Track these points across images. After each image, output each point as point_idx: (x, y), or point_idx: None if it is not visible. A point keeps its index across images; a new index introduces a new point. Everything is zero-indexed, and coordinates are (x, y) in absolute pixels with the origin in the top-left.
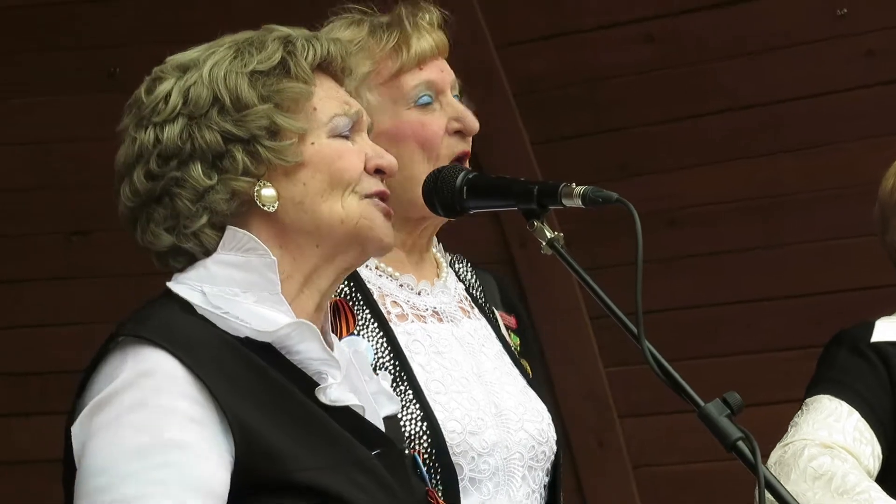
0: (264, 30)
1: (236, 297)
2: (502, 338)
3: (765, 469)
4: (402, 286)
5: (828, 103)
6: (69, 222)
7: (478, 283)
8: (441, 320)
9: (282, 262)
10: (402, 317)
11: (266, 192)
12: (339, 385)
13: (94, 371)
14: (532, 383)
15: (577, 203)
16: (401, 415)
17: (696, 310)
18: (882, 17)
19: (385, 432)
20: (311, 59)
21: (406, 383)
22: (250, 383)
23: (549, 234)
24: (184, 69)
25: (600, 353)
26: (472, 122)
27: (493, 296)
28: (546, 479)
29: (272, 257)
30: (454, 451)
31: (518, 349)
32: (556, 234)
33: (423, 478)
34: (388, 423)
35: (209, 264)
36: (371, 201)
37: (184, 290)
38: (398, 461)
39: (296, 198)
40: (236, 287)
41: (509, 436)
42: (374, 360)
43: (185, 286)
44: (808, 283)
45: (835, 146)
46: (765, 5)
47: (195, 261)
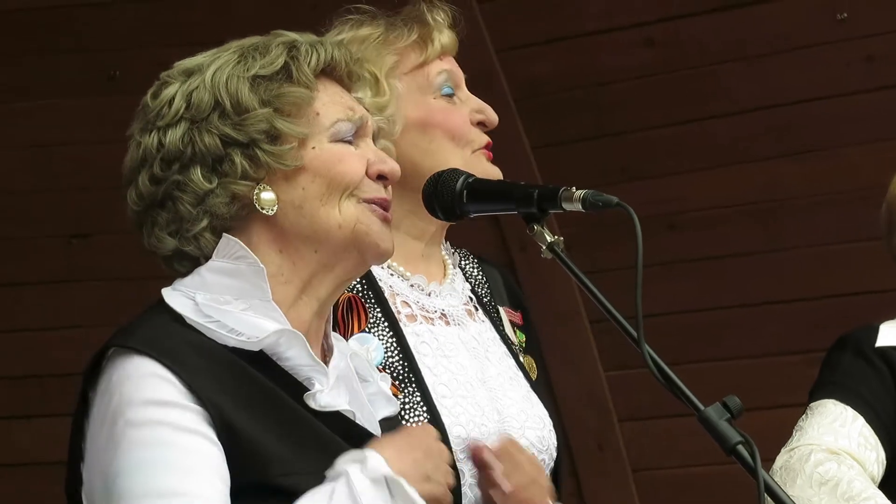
0: (272, 35)
1: (228, 304)
2: (506, 338)
3: (764, 473)
4: (412, 286)
5: (829, 107)
6: (69, 225)
7: (484, 278)
8: (448, 323)
9: (281, 266)
10: (412, 317)
11: (265, 196)
12: (329, 390)
13: (91, 384)
14: (536, 383)
15: (578, 207)
16: (407, 417)
17: (697, 314)
18: (882, 21)
19: (378, 435)
20: (314, 64)
21: (414, 385)
22: (238, 389)
23: (549, 238)
24: (189, 74)
25: (600, 356)
26: (493, 115)
27: (500, 291)
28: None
29: (261, 265)
30: (458, 456)
31: (523, 346)
32: (557, 237)
33: None
34: (387, 424)
35: (203, 271)
36: (368, 206)
37: (176, 300)
38: None
39: (295, 202)
40: (228, 294)
41: None
42: (384, 360)
43: (180, 294)
44: (810, 287)
45: (836, 150)
46: (765, 9)
47: (198, 265)
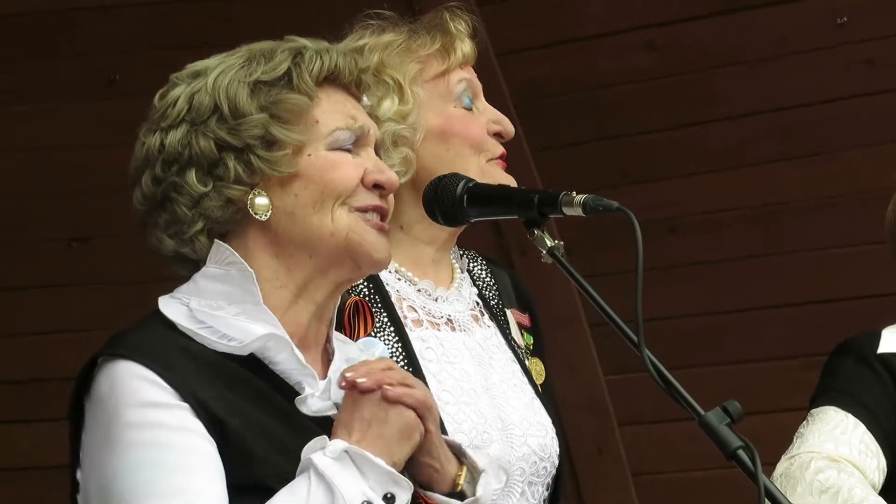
0: (283, 40)
1: (220, 309)
2: (512, 343)
3: (765, 478)
4: (420, 291)
5: (829, 111)
6: (69, 229)
7: (493, 281)
8: (454, 329)
9: (276, 271)
10: (418, 322)
11: (259, 201)
12: (320, 394)
13: (85, 393)
14: (544, 387)
15: (578, 212)
16: None
17: (697, 318)
18: (882, 25)
19: None
20: (317, 72)
21: None
22: (227, 391)
23: (549, 243)
24: (196, 76)
25: (600, 360)
26: (510, 126)
27: (508, 294)
28: (546, 494)
29: (250, 270)
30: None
31: (531, 348)
32: (557, 242)
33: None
34: None
35: (198, 277)
36: (361, 215)
37: (171, 307)
38: None
39: (287, 208)
40: (221, 300)
41: (512, 451)
42: None
43: (176, 301)
44: (810, 291)
45: (836, 154)
46: (765, 13)
47: (198, 269)
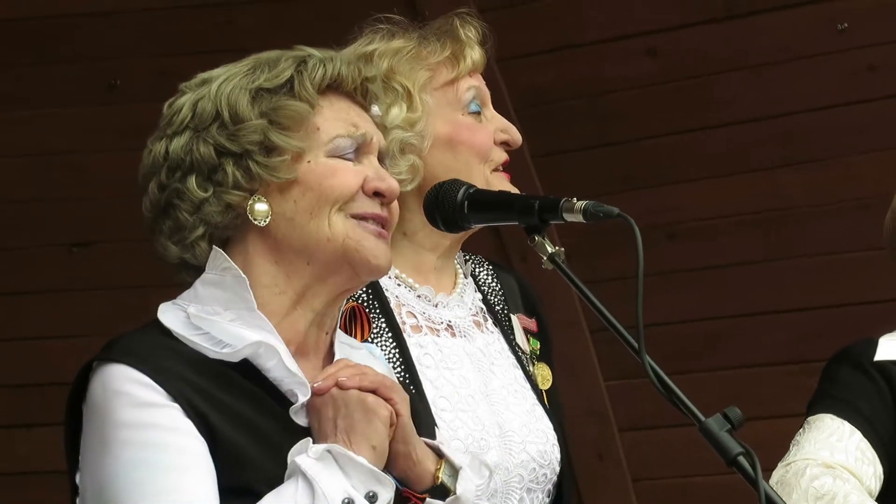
0: (291, 49)
1: (217, 315)
2: (516, 349)
3: (765, 484)
4: (419, 297)
5: (829, 117)
6: (69, 234)
7: (499, 286)
8: (454, 335)
9: (276, 277)
10: (417, 328)
11: (259, 207)
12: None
13: (80, 398)
14: (550, 392)
15: (579, 218)
16: None
17: (697, 323)
18: (882, 31)
19: None
20: (319, 79)
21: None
22: (219, 395)
23: (550, 249)
24: (201, 84)
25: (600, 366)
26: (517, 135)
27: (514, 299)
28: (547, 501)
29: (243, 275)
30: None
31: (537, 354)
32: (558, 248)
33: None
34: None
35: (197, 284)
36: (358, 223)
37: (169, 314)
38: None
39: (287, 214)
40: (218, 305)
41: (511, 457)
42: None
43: (176, 308)
44: (810, 297)
45: (836, 160)
46: (766, 19)
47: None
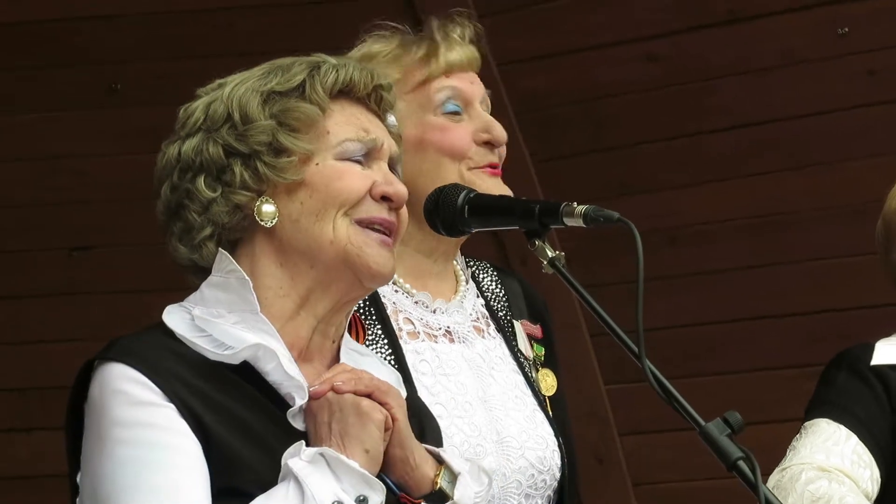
0: (309, 55)
1: (220, 317)
2: (518, 356)
3: (765, 488)
4: (417, 303)
5: (829, 122)
6: (70, 237)
7: (503, 291)
8: (452, 341)
9: (281, 280)
10: (414, 335)
11: (266, 208)
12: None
13: (82, 398)
14: (555, 398)
15: (579, 223)
16: None
17: (696, 328)
18: (883, 36)
19: None
20: (331, 84)
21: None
22: (216, 396)
23: (550, 254)
24: (217, 87)
25: (600, 370)
26: (501, 133)
27: (518, 304)
28: None
29: (247, 278)
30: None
31: (541, 359)
32: (558, 253)
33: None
34: None
35: (203, 286)
36: (362, 229)
37: (173, 315)
38: None
39: (293, 215)
40: (222, 307)
41: (508, 463)
42: None
43: (182, 310)
44: (809, 301)
45: (836, 165)
46: (766, 24)
47: None
